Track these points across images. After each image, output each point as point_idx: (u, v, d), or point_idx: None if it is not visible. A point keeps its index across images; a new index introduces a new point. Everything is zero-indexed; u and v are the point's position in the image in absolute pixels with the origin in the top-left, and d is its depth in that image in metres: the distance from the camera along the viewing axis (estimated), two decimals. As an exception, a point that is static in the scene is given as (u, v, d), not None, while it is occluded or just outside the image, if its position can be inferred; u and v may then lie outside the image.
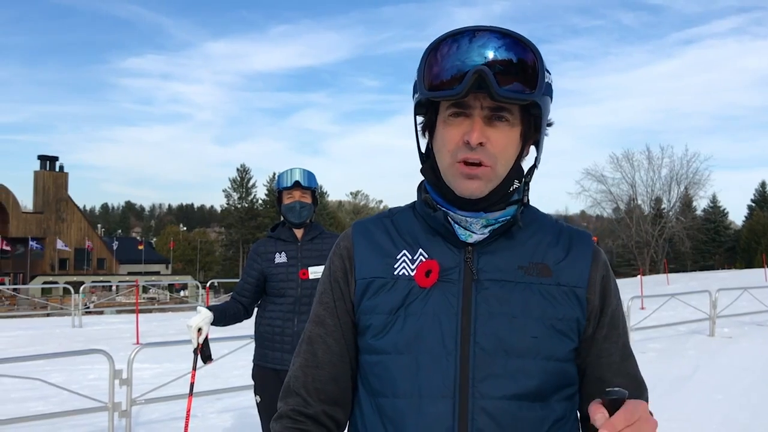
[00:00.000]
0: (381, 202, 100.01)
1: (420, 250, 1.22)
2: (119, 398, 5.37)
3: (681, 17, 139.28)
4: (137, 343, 10.58)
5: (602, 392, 0.99)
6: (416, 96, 1.19)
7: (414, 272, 1.20)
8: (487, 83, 1.08)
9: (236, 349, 6.19)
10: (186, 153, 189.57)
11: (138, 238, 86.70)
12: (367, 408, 1.21)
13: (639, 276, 24.17)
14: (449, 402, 1.13)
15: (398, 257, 1.23)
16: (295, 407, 1.26)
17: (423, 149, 1.27)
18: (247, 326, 3.90)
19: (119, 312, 20.60)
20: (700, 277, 30.74)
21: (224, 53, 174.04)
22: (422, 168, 1.26)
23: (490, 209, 1.19)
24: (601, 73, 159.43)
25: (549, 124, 1.23)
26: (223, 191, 78.51)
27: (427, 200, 1.22)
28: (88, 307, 19.06)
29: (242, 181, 77.47)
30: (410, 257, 1.22)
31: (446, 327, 1.16)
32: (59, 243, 53.52)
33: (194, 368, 3.78)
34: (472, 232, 1.19)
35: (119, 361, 5.56)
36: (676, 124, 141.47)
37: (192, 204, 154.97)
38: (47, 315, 19.71)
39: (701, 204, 65.31)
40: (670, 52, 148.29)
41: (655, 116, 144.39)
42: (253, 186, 77.84)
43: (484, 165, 1.15)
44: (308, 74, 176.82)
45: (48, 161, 56.32)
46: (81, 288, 16.10)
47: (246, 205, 76.68)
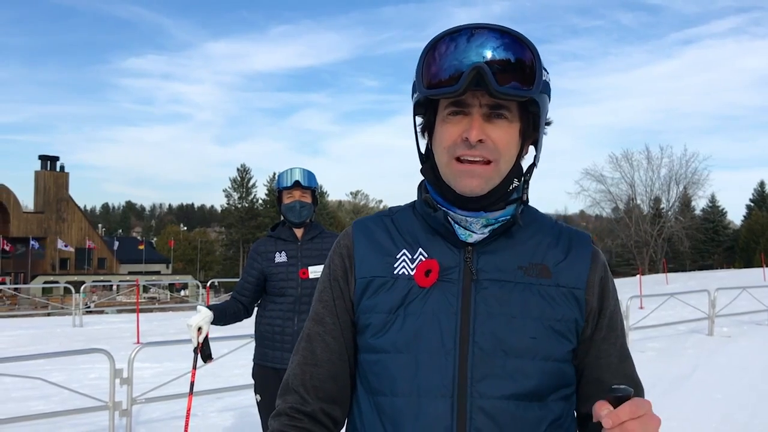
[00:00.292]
0: (381, 202, 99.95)
1: (420, 250, 1.22)
2: (120, 397, 5.38)
3: (680, 17, 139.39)
4: (138, 343, 10.59)
5: (600, 392, 0.99)
6: (415, 96, 1.19)
7: (414, 272, 1.20)
8: (486, 80, 1.08)
9: (236, 349, 6.19)
10: (186, 153, 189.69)
11: (138, 238, 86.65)
12: (366, 407, 1.21)
13: (638, 275, 24.15)
14: (448, 401, 1.13)
15: (398, 256, 1.23)
16: (293, 405, 1.26)
17: (423, 150, 1.27)
18: (248, 325, 3.91)
19: (120, 311, 20.56)
20: (699, 277, 30.71)
21: (224, 53, 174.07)
22: (422, 168, 1.26)
23: (490, 208, 1.19)
24: (601, 73, 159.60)
25: (548, 123, 1.23)
26: (224, 191, 78.52)
27: (428, 200, 1.22)
28: (89, 307, 19.08)
29: (242, 181, 77.39)
30: (410, 257, 1.22)
31: (445, 326, 1.16)
32: (60, 243, 53.48)
33: (194, 367, 3.78)
34: (472, 232, 1.19)
35: (120, 361, 5.57)
36: (676, 124, 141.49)
37: (192, 204, 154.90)
38: (48, 314, 19.64)
39: (700, 204, 65.21)
40: (670, 53, 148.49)
41: (655, 116, 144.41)
42: (253, 186, 77.82)
43: (487, 161, 1.15)
44: (308, 74, 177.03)
45: (49, 161, 56.25)
46: (82, 287, 16.10)
47: (246, 205, 76.59)
